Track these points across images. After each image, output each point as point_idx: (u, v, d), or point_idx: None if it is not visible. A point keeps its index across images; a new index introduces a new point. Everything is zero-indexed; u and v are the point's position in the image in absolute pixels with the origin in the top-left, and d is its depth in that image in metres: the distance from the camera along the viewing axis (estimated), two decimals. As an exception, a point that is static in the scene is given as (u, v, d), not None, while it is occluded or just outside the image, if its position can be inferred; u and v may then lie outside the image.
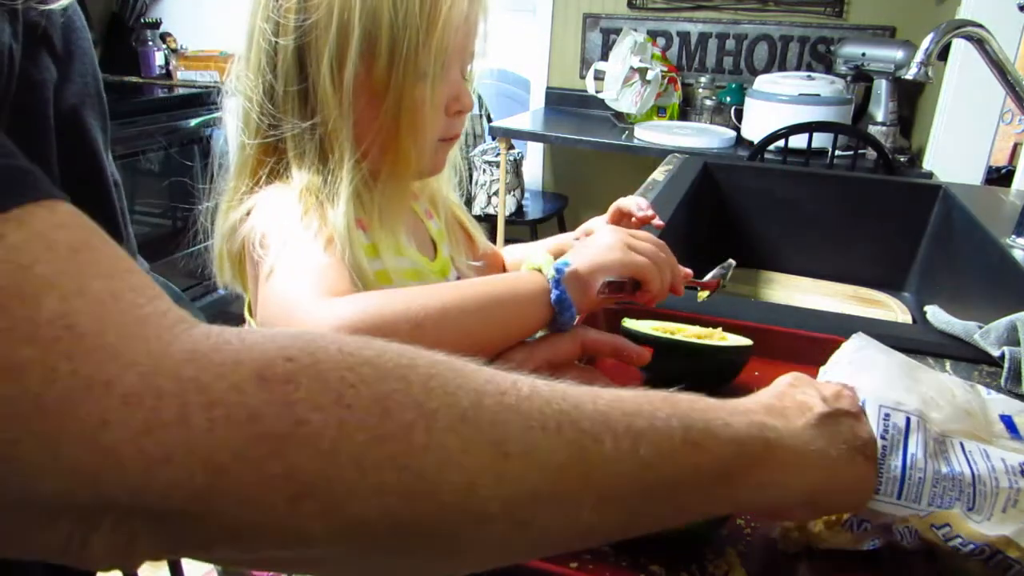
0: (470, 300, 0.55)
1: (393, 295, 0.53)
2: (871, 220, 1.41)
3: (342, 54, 0.61)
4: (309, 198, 0.62)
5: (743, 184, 1.49)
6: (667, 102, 2.69)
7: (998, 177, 2.22)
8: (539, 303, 0.58)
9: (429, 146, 0.66)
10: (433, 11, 0.60)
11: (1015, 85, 1.05)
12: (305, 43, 0.62)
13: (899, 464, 0.43)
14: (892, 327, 0.85)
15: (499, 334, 0.57)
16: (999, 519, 0.42)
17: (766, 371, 0.70)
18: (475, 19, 0.65)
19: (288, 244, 0.59)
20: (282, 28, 0.62)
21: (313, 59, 0.62)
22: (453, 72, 0.66)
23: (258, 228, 0.61)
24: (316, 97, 0.63)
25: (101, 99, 0.55)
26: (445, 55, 0.62)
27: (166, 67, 2.85)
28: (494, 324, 0.56)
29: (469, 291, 0.55)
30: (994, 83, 1.08)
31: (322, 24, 0.60)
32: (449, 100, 0.66)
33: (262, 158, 0.66)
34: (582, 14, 2.87)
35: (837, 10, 2.56)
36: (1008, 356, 0.71)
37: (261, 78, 0.64)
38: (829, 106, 2.23)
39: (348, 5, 0.60)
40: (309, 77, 0.63)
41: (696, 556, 0.47)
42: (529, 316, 0.58)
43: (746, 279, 1.42)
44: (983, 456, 0.44)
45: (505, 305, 0.57)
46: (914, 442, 0.43)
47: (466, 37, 0.65)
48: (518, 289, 0.58)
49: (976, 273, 1.15)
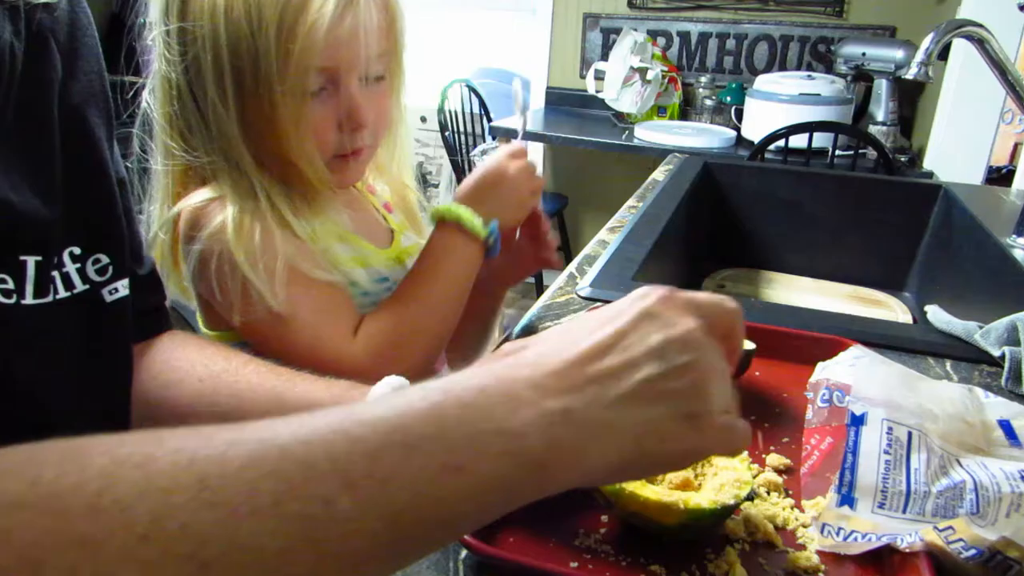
0: (443, 290, 0.71)
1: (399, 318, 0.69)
2: (871, 220, 1.41)
3: (223, 84, 0.63)
4: (247, 222, 0.65)
5: (743, 184, 1.49)
6: (667, 102, 2.69)
7: (998, 177, 2.22)
8: (478, 261, 0.73)
9: (320, 163, 0.67)
10: (289, 33, 0.60)
11: (1015, 85, 1.05)
12: (192, 76, 0.64)
13: (904, 479, 0.43)
14: (892, 327, 0.85)
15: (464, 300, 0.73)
16: (1003, 524, 0.42)
17: (767, 371, 0.70)
18: (354, 28, 0.62)
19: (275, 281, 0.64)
20: (172, 62, 0.65)
21: (200, 91, 0.64)
22: (344, 86, 0.65)
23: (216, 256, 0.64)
24: (215, 126, 0.65)
25: (107, 97, 0.55)
26: (308, 75, 0.62)
27: (166, 67, 2.85)
28: (462, 296, 0.72)
29: (439, 284, 0.71)
30: (994, 83, 1.08)
31: (200, 57, 0.63)
32: (341, 116, 0.66)
33: (180, 179, 0.70)
34: (582, 14, 2.87)
35: (837, 10, 2.56)
36: (1008, 356, 0.71)
37: (166, 107, 0.68)
38: (829, 106, 2.23)
39: (216, 37, 0.61)
40: (200, 107, 0.65)
41: (696, 556, 0.47)
42: (475, 270, 0.73)
43: (746, 279, 1.42)
44: (981, 467, 0.44)
45: (464, 275, 0.72)
46: (916, 457, 0.43)
47: (347, 48, 0.63)
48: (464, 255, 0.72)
49: (976, 273, 1.15)
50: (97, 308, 0.52)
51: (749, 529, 0.49)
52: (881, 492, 0.43)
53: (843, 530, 0.44)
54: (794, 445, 0.59)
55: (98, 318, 0.53)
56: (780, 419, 0.63)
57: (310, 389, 0.58)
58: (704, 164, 1.50)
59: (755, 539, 0.48)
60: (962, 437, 0.46)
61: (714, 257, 1.48)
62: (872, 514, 0.43)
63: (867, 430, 0.44)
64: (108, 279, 0.53)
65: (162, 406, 0.60)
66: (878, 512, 0.43)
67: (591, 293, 0.85)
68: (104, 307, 0.53)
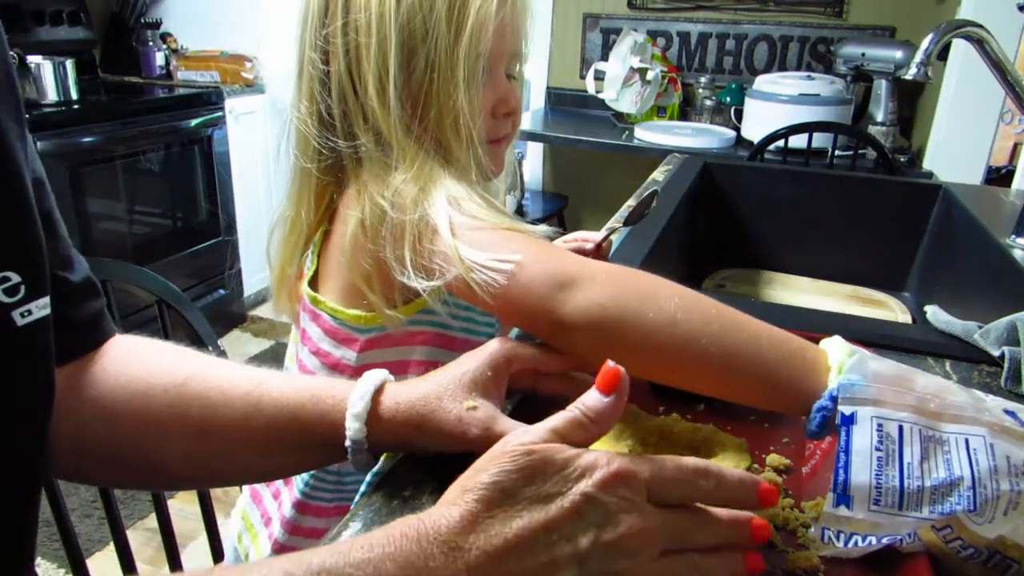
0: (744, 328, 0.49)
1: (665, 283, 0.51)
2: (871, 220, 1.41)
3: (384, 69, 0.62)
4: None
5: (743, 184, 1.49)
6: (667, 102, 2.69)
7: (998, 177, 2.22)
8: (799, 393, 0.47)
9: (479, 149, 0.67)
10: (460, 17, 0.62)
11: (1015, 85, 1.05)
12: (352, 64, 0.64)
13: (896, 474, 0.43)
14: (892, 327, 0.85)
15: (739, 380, 0.49)
16: (1000, 522, 0.42)
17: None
18: (510, 20, 0.66)
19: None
20: (332, 55, 0.64)
21: (360, 78, 0.64)
22: (497, 74, 0.68)
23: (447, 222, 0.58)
24: (371, 115, 0.64)
25: (14, 88, 0.48)
26: (477, 59, 0.63)
27: (166, 67, 2.85)
28: (739, 376, 0.49)
29: (752, 322, 0.50)
30: (994, 83, 1.08)
31: (363, 44, 0.62)
32: (496, 102, 0.68)
33: (325, 179, 0.68)
34: (582, 14, 2.87)
35: (837, 10, 2.57)
36: (1008, 356, 0.71)
37: (316, 104, 0.66)
38: (829, 106, 2.23)
39: (385, 21, 0.61)
40: (359, 96, 0.64)
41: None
42: (775, 393, 0.49)
43: (746, 279, 1.42)
44: (987, 454, 0.43)
45: (770, 361, 0.48)
46: (909, 451, 0.43)
47: (502, 39, 0.66)
48: (793, 365, 0.48)
49: (976, 273, 1.15)
50: (6, 334, 0.45)
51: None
52: (876, 489, 0.43)
53: (843, 533, 0.44)
54: (794, 445, 0.59)
55: (7, 345, 0.45)
56: (780, 419, 0.63)
57: (286, 392, 0.54)
58: (704, 164, 1.50)
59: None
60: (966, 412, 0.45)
61: (714, 257, 1.48)
62: (868, 512, 0.43)
63: (857, 429, 0.44)
64: (19, 300, 0.45)
65: (127, 420, 0.55)
66: (874, 510, 0.43)
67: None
68: (14, 332, 0.45)
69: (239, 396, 0.54)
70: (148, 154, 2.41)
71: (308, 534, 0.72)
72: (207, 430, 0.53)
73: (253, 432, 0.53)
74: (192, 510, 1.08)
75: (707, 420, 0.61)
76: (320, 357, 0.70)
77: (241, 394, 0.54)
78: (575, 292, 0.50)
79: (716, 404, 0.65)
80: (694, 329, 0.48)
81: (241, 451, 0.54)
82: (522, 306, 0.53)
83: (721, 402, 0.66)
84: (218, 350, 0.98)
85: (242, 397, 0.54)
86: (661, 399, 0.66)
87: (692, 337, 0.48)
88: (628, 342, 0.49)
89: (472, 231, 0.57)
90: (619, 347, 0.49)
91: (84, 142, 2.18)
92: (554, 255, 0.54)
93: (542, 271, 0.52)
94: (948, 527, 0.42)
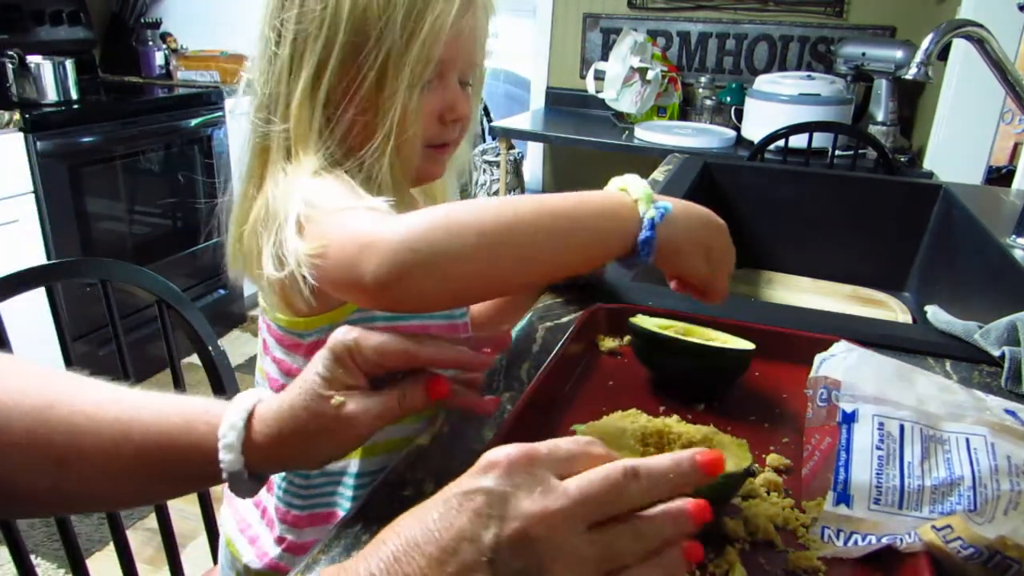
0: (546, 214, 0.52)
1: (462, 204, 0.51)
2: (871, 220, 1.41)
3: (325, 61, 0.63)
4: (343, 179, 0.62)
5: (743, 184, 1.49)
6: (667, 102, 2.69)
7: (998, 177, 2.22)
8: (621, 236, 0.54)
9: (415, 152, 0.67)
10: (417, 22, 0.61)
11: (1015, 85, 1.05)
12: (296, 52, 0.64)
13: (897, 473, 0.43)
14: (892, 327, 0.85)
15: (567, 258, 0.54)
16: (1000, 522, 0.42)
17: (766, 371, 0.70)
18: (470, 29, 0.65)
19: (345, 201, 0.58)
20: (283, 38, 0.64)
21: (298, 66, 0.64)
22: (449, 81, 0.67)
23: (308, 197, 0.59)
24: (292, 104, 0.64)
25: None
26: (427, 65, 0.63)
27: (166, 67, 2.85)
28: (566, 246, 0.53)
29: (547, 204, 0.52)
30: (994, 83, 1.08)
31: (312, 35, 0.63)
32: (443, 108, 0.67)
33: (263, 157, 0.68)
34: (582, 14, 2.87)
35: (837, 10, 2.57)
36: (1008, 356, 0.71)
37: (262, 83, 0.66)
38: (829, 106, 2.23)
39: (338, 16, 0.62)
40: (290, 85, 0.64)
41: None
42: (605, 247, 0.55)
43: (746, 279, 1.42)
44: (988, 453, 0.43)
45: (585, 228, 0.54)
46: (910, 450, 0.43)
47: (457, 47, 0.65)
48: (604, 215, 0.54)
49: (976, 273, 1.15)
50: None
51: (749, 529, 0.49)
52: (876, 488, 0.43)
53: (843, 532, 0.44)
54: (794, 445, 0.59)
55: None
56: (780, 419, 0.63)
57: (158, 418, 0.51)
58: (704, 164, 1.50)
59: (755, 539, 0.48)
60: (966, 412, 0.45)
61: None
62: (868, 511, 0.43)
63: (859, 427, 0.44)
64: None
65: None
66: (874, 509, 0.43)
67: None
68: None
69: (108, 424, 0.50)
70: (148, 154, 2.41)
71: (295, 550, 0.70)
72: (68, 458, 0.50)
73: (122, 461, 0.50)
74: (192, 510, 1.08)
75: (707, 420, 0.61)
76: (278, 365, 0.70)
77: (109, 421, 0.50)
78: (373, 253, 0.49)
79: (716, 404, 0.65)
80: (503, 239, 0.50)
81: (109, 480, 0.51)
82: (342, 282, 0.52)
83: (721, 402, 0.66)
84: (218, 350, 0.98)
85: (110, 425, 0.50)
86: (661, 399, 0.66)
87: (506, 246, 0.50)
88: (449, 279, 0.49)
89: (314, 224, 0.56)
90: (443, 287, 0.49)
91: (84, 142, 2.17)
92: (355, 224, 0.52)
93: (341, 244, 0.52)
94: (948, 527, 0.42)
